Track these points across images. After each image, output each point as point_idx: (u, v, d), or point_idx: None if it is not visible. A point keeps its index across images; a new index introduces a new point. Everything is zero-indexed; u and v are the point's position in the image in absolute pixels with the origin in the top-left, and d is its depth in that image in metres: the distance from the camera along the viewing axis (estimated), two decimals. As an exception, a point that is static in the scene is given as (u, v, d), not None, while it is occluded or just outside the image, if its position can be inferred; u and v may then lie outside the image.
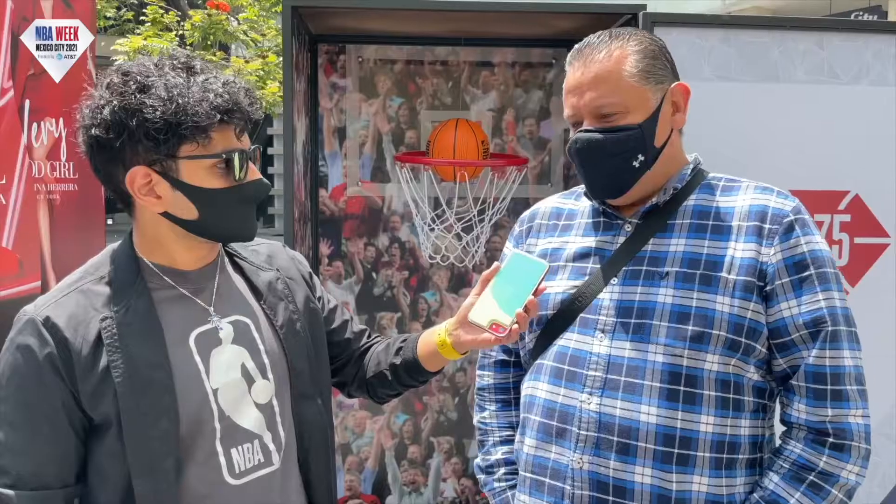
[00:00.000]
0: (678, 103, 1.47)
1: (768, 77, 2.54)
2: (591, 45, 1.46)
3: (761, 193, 1.45)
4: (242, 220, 1.34)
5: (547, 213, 1.64)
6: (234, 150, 1.28)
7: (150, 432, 1.23)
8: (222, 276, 1.41)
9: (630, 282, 1.44)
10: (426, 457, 3.39)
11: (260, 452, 1.35)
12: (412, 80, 3.22)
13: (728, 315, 1.36)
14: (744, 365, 1.38)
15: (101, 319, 1.25)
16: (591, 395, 1.42)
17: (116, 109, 1.22)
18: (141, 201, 1.28)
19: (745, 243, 1.40)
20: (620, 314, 1.43)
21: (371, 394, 1.62)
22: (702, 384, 1.37)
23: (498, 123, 3.25)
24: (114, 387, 1.23)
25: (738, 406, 1.39)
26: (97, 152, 1.27)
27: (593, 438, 1.40)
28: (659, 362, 1.38)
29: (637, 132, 1.41)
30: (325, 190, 3.25)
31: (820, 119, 2.56)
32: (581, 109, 1.44)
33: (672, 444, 1.36)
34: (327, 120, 3.21)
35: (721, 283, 1.38)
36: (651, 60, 1.44)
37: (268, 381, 1.38)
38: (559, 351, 1.48)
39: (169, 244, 1.33)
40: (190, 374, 1.29)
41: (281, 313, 1.43)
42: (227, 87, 1.27)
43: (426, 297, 3.33)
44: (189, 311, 1.34)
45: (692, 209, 1.46)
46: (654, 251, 1.45)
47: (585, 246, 1.52)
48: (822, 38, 2.54)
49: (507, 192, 2.94)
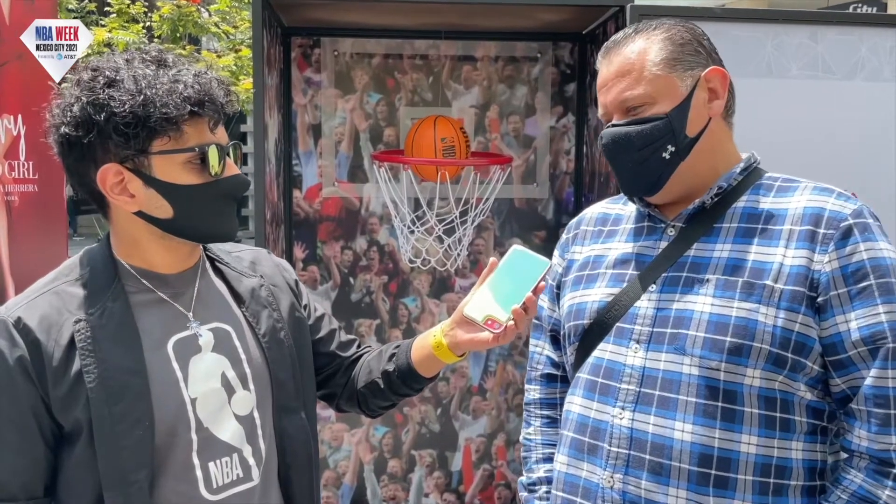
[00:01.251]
0: (715, 89, 1.44)
1: (761, 73, 2.57)
2: (617, 41, 1.47)
3: (819, 195, 1.39)
4: (221, 218, 1.34)
5: (593, 219, 1.64)
6: (208, 144, 1.29)
7: (123, 441, 1.23)
8: (203, 281, 1.41)
9: (669, 289, 1.41)
10: (407, 471, 3.40)
11: (239, 467, 1.34)
12: (391, 74, 3.23)
13: (772, 327, 1.31)
14: (792, 382, 1.33)
15: (74, 322, 1.26)
16: (623, 410, 1.40)
17: (85, 105, 1.23)
18: (114, 201, 1.29)
19: (795, 249, 1.34)
20: (657, 324, 1.40)
21: (363, 406, 1.61)
22: (742, 400, 1.33)
23: (481, 120, 3.27)
24: (86, 392, 1.23)
25: (786, 426, 1.34)
26: (68, 152, 1.28)
27: (625, 456, 1.39)
28: (694, 375, 1.35)
29: (664, 122, 1.40)
30: (300, 190, 3.25)
31: (814, 116, 2.59)
32: (609, 106, 1.45)
33: (709, 464, 1.33)
34: (301, 117, 3.22)
35: (765, 293, 1.33)
36: (678, 48, 1.43)
37: (249, 391, 1.38)
38: (594, 363, 1.47)
39: (146, 246, 1.34)
40: (167, 382, 1.29)
41: (264, 321, 1.44)
42: (198, 78, 1.28)
43: (406, 302, 3.34)
44: (167, 316, 1.34)
45: (741, 211, 1.42)
46: (697, 257, 1.41)
47: (626, 252, 1.50)
48: (817, 32, 2.58)
49: (491, 193, 2.96)
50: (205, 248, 1.45)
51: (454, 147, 2.88)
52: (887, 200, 2.64)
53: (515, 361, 3.40)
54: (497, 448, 3.41)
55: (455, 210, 2.94)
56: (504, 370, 3.40)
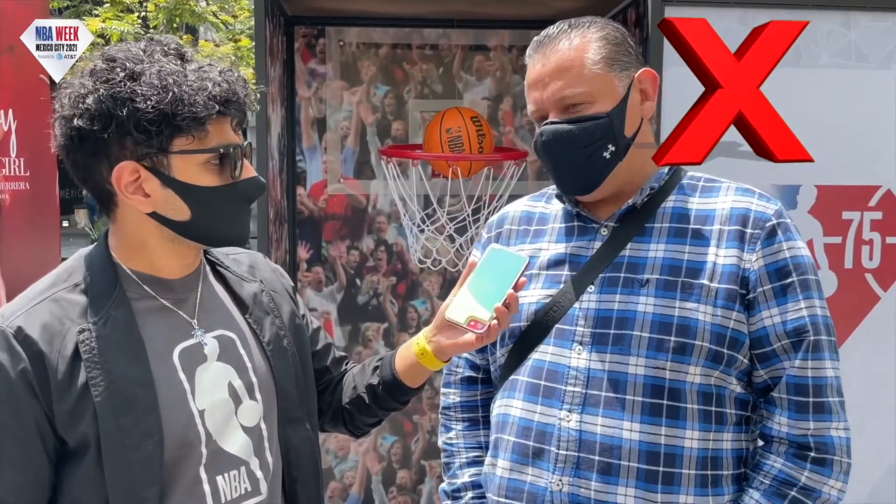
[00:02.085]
0: (647, 91, 1.52)
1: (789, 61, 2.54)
2: (550, 36, 1.52)
3: (743, 196, 1.50)
4: (237, 222, 1.34)
5: (517, 218, 1.68)
6: (230, 145, 1.29)
7: (133, 456, 1.23)
8: (205, 287, 1.41)
9: (608, 290, 1.48)
10: (417, 482, 3.39)
11: (247, 480, 1.34)
12: (399, 65, 3.22)
13: (710, 325, 1.41)
14: (726, 377, 1.43)
15: (78, 332, 1.25)
16: (570, 413, 1.45)
17: (103, 98, 1.21)
18: (128, 200, 1.27)
19: (726, 249, 1.45)
20: (599, 325, 1.47)
21: (347, 424, 1.62)
22: (685, 397, 1.42)
23: (494, 113, 3.26)
24: (93, 406, 1.22)
25: (720, 419, 1.43)
26: (79, 146, 1.26)
27: (573, 458, 1.43)
28: (640, 375, 1.42)
29: (606, 121, 1.46)
30: (304, 188, 3.25)
31: (847, 107, 2.57)
32: (545, 103, 1.49)
33: (657, 461, 1.41)
34: (305, 110, 3.21)
35: (703, 292, 1.43)
36: (614, 47, 1.49)
37: (255, 401, 1.38)
38: (534, 365, 1.51)
39: (154, 249, 1.33)
40: (175, 393, 1.29)
41: (268, 328, 1.44)
42: (224, 75, 1.28)
43: (416, 305, 3.34)
44: (171, 324, 1.34)
45: (671, 211, 1.51)
46: (633, 257, 1.49)
47: (559, 252, 1.55)
48: (849, 18, 2.56)
49: (505, 189, 2.94)
50: (205, 252, 1.45)
51: (461, 138, 2.85)
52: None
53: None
54: (511, 458, 3.40)
55: (467, 208, 2.93)
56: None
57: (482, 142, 2.85)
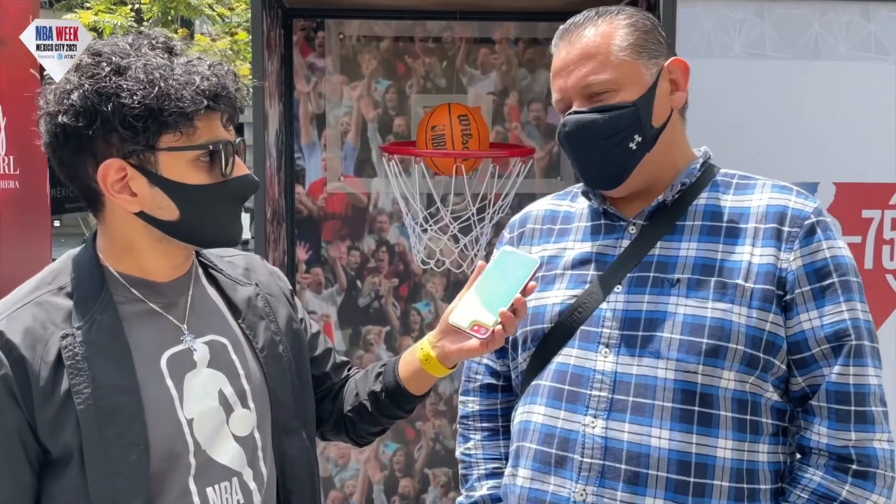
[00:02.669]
0: (677, 80, 1.50)
1: (807, 54, 2.54)
2: (577, 23, 1.50)
3: (779, 192, 1.48)
4: (228, 222, 1.34)
5: (540, 217, 1.66)
6: (220, 142, 1.28)
7: (117, 467, 1.22)
8: (196, 290, 1.40)
9: (636, 290, 1.46)
10: (420, 491, 3.39)
11: (239, 492, 1.34)
12: (401, 59, 3.22)
13: (745, 327, 1.38)
14: (762, 383, 1.40)
15: (61, 337, 1.24)
16: (595, 418, 1.43)
17: (88, 94, 1.21)
18: (114, 199, 1.27)
19: (762, 248, 1.42)
20: (626, 326, 1.44)
21: (349, 433, 1.61)
22: (718, 404, 1.39)
23: (499, 108, 3.25)
24: (76, 414, 1.22)
25: (755, 429, 1.40)
26: (64, 143, 1.26)
27: (598, 467, 1.41)
28: (671, 380, 1.39)
29: (632, 110, 1.44)
30: (302, 186, 3.24)
31: (867, 101, 2.56)
32: (569, 91, 1.47)
33: (687, 471, 1.38)
34: (304, 106, 3.21)
35: (738, 292, 1.40)
36: (643, 34, 1.48)
37: (248, 410, 1.37)
38: (558, 369, 1.49)
39: (142, 250, 1.33)
40: (162, 401, 1.28)
41: (262, 334, 1.43)
42: (213, 69, 1.27)
43: (419, 308, 3.33)
44: (160, 329, 1.33)
45: (703, 209, 1.49)
46: (663, 256, 1.46)
47: (585, 251, 1.53)
48: (869, 9, 2.55)
49: (511, 188, 2.93)
50: (197, 254, 1.44)
51: (444, 136, 2.84)
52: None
53: (538, 371, 3.38)
54: (518, 466, 3.39)
55: (472, 206, 2.92)
56: (525, 381, 3.38)
57: (467, 142, 2.82)
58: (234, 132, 1.33)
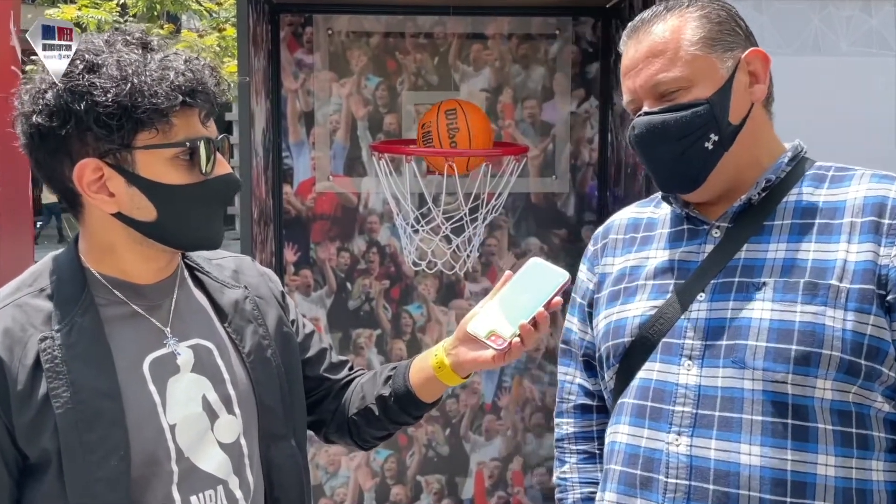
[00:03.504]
0: (756, 72, 1.44)
1: (807, 49, 2.55)
2: (645, 19, 1.46)
3: (879, 182, 1.39)
4: (208, 223, 1.34)
5: (622, 227, 1.62)
6: (199, 138, 1.28)
7: (96, 473, 1.22)
8: (181, 293, 1.40)
9: (720, 297, 1.40)
10: (413, 499, 3.39)
11: (225, 501, 1.34)
12: (391, 55, 3.23)
13: (842, 332, 1.31)
14: (868, 393, 1.32)
15: (39, 339, 1.25)
16: (679, 436, 1.38)
17: (61, 93, 1.22)
18: (91, 200, 1.28)
19: (859, 244, 1.34)
20: (710, 336, 1.39)
21: (354, 436, 1.60)
22: (814, 416, 1.31)
23: (493, 106, 3.26)
24: (54, 419, 1.22)
25: (864, 443, 1.32)
26: (39, 144, 1.26)
27: (684, 487, 1.36)
28: (759, 391, 1.33)
29: (706, 108, 1.39)
30: (290, 186, 3.25)
31: (869, 97, 2.57)
32: (638, 91, 1.43)
33: (783, 491, 1.31)
34: (292, 104, 3.22)
35: (831, 293, 1.32)
36: (716, 26, 1.42)
37: (234, 416, 1.37)
38: (640, 385, 1.45)
39: (121, 252, 1.33)
40: (143, 406, 1.29)
41: (249, 338, 1.43)
42: (189, 64, 1.27)
43: (410, 310, 3.34)
44: (142, 332, 1.33)
45: (793, 206, 1.42)
46: (749, 259, 1.40)
47: (667, 259, 1.49)
48: (870, 3, 2.56)
49: (505, 187, 2.94)
50: (184, 256, 1.45)
51: (430, 133, 2.84)
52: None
53: (533, 376, 3.39)
54: (513, 473, 3.40)
55: (464, 207, 2.93)
56: (521, 386, 3.39)
57: (454, 136, 2.81)
58: (215, 129, 1.33)
